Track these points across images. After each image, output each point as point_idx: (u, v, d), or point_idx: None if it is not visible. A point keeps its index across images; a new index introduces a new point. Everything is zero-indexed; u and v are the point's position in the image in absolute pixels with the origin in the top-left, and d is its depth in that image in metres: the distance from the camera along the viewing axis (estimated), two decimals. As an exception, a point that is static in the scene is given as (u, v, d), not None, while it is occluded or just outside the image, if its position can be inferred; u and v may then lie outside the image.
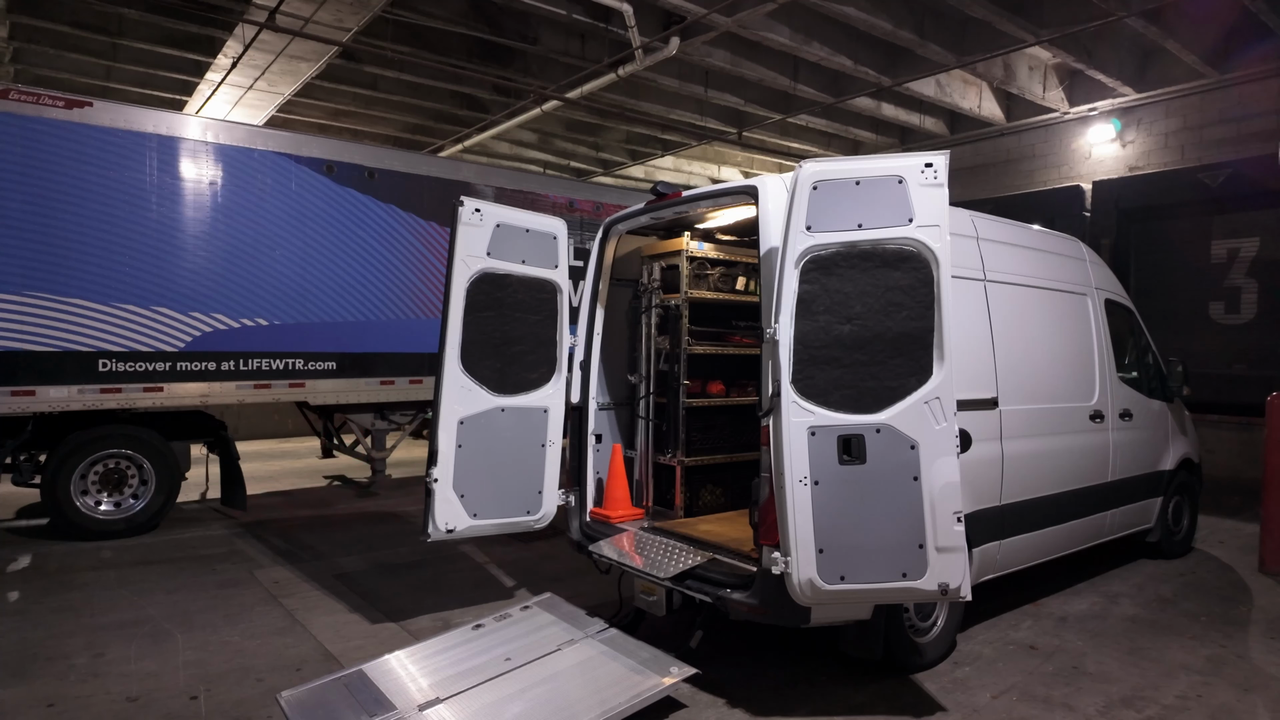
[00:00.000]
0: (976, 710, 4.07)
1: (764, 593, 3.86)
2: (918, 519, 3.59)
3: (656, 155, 16.73)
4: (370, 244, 8.68)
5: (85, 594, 5.77)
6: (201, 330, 7.66)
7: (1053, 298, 5.71)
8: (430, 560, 6.60)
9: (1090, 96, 12.09)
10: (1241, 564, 6.79)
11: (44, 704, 4.04)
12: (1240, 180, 10.40)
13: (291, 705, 3.96)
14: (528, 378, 5.19)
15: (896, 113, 13.20)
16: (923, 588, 3.60)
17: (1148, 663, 4.71)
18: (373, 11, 9.09)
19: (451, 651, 4.35)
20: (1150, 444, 6.52)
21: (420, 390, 8.99)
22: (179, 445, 7.88)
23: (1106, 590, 6.07)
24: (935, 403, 3.63)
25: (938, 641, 4.59)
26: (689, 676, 4.01)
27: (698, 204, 4.88)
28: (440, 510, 4.82)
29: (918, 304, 3.67)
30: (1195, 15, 9.71)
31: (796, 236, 3.69)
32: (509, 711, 3.78)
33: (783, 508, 3.60)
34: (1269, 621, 5.44)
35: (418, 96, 13.38)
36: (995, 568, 5.02)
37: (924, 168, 3.70)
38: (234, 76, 11.03)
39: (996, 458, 4.88)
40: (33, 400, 6.90)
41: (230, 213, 7.83)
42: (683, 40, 9.87)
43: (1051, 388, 5.49)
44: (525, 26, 10.74)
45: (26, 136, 6.84)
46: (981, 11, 9.32)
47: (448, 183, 9.15)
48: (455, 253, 4.86)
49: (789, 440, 3.61)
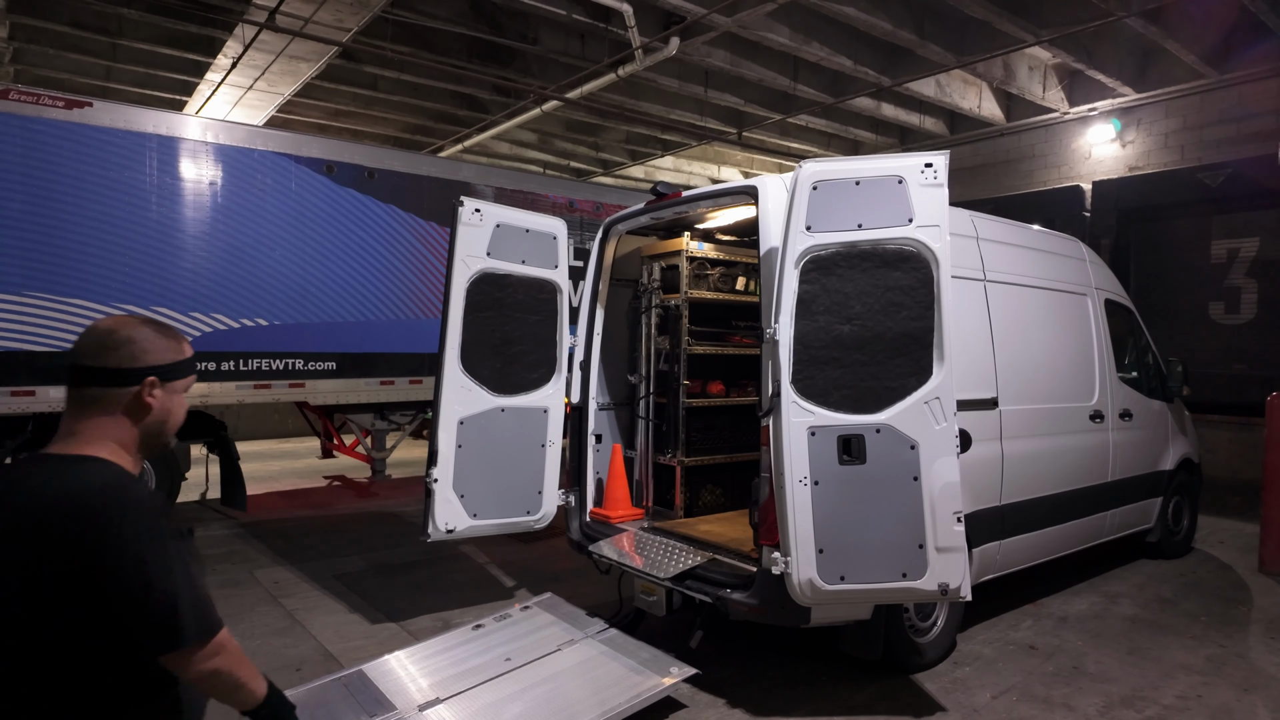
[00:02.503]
0: (976, 710, 4.07)
1: (764, 593, 3.86)
2: (918, 519, 3.59)
3: (656, 155, 16.72)
4: (370, 244, 8.68)
5: (85, 594, 5.77)
6: (201, 330, 7.66)
7: (1053, 298, 5.71)
8: (430, 560, 6.60)
9: (1090, 96, 12.08)
10: (1241, 564, 6.78)
11: (44, 704, 4.04)
12: (1240, 180, 10.41)
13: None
14: (528, 378, 5.19)
15: (896, 113, 13.20)
16: (923, 588, 3.60)
17: (1148, 663, 4.71)
18: (373, 11, 9.08)
19: (451, 652, 4.35)
20: (1150, 444, 6.52)
21: (420, 390, 8.99)
22: (179, 445, 7.88)
23: (1106, 590, 6.07)
24: (935, 403, 3.63)
25: (938, 641, 4.59)
26: (689, 677, 4.02)
27: (698, 204, 4.88)
28: (440, 510, 4.81)
29: (918, 304, 3.66)
30: (1195, 15, 9.70)
31: (796, 236, 3.69)
32: (509, 712, 3.78)
33: (783, 508, 3.60)
34: (1269, 621, 5.44)
35: (418, 96, 13.38)
36: (995, 568, 5.02)
37: (924, 168, 3.70)
38: (234, 77, 11.02)
39: (996, 458, 4.88)
40: (33, 400, 6.90)
41: (230, 213, 7.82)
42: (683, 40, 9.86)
43: (1051, 388, 5.49)
44: (525, 27, 10.73)
45: (26, 137, 6.83)
46: (981, 11, 9.31)
47: (448, 183, 9.14)
48: (455, 253, 4.86)
49: (789, 440, 3.61)
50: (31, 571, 1.49)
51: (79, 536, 1.47)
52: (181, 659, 1.57)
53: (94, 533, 1.48)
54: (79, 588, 1.49)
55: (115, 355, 1.64)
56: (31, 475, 1.59)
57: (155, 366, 1.68)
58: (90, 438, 1.62)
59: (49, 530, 1.47)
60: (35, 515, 1.49)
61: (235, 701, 1.70)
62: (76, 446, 1.61)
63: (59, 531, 1.47)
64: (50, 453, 1.62)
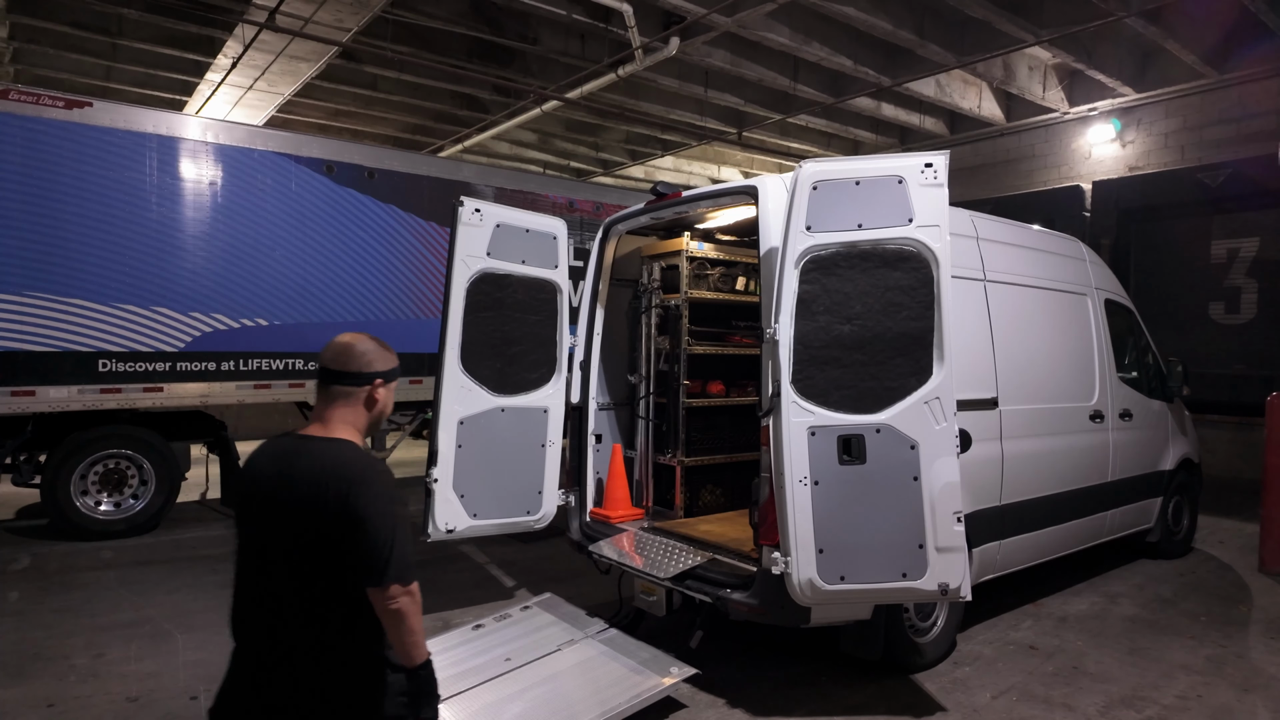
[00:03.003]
0: (976, 710, 4.07)
1: (764, 593, 3.86)
2: (918, 519, 3.59)
3: (656, 155, 16.72)
4: (370, 244, 8.68)
5: (85, 594, 5.77)
6: (201, 330, 7.66)
7: (1053, 298, 5.71)
8: (430, 560, 6.60)
9: (1090, 96, 12.09)
10: (1241, 564, 6.79)
11: (44, 704, 4.04)
12: (1240, 180, 10.40)
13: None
14: (528, 378, 5.19)
15: (896, 113, 13.20)
16: (923, 588, 3.60)
17: (1148, 663, 4.71)
18: (373, 11, 9.09)
19: (451, 652, 4.35)
20: (1150, 444, 6.52)
21: (420, 390, 8.98)
22: (179, 445, 7.88)
23: (1106, 590, 6.07)
24: (935, 403, 3.63)
25: (938, 641, 4.59)
26: (689, 676, 4.02)
27: (697, 204, 4.88)
28: (440, 510, 4.81)
29: (918, 304, 3.66)
30: (1195, 15, 9.70)
31: (796, 237, 3.69)
32: (509, 712, 3.78)
33: (783, 508, 3.60)
34: (1269, 621, 5.44)
35: (418, 96, 13.38)
36: (995, 568, 5.02)
37: (924, 168, 3.70)
38: (234, 77, 11.02)
39: (996, 458, 4.88)
40: (33, 400, 6.89)
41: (230, 213, 7.82)
42: (683, 40, 9.86)
43: (1051, 388, 5.49)
44: (525, 27, 10.74)
45: (26, 137, 6.83)
46: (981, 11, 9.31)
47: (448, 183, 9.14)
48: (455, 253, 4.85)
49: (789, 440, 3.61)
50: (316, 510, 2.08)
51: (343, 492, 2.08)
52: (380, 594, 2.06)
53: (352, 489, 2.08)
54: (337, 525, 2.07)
55: (354, 363, 2.28)
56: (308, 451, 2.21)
57: (380, 371, 2.31)
58: (337, 424, 2.26)
59: (326, 487, 2.09)
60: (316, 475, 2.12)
61: (404, 648, 2.12)
62: (329, 430, 2.25)
63: (332, 489, 2.09)
64: (311, 434, 2.26)
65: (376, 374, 2.30)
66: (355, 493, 2.07)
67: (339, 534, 2.07)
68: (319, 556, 2.09)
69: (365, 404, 2.30)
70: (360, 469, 2.14)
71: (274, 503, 2.15)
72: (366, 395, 2.30)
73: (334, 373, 2.28)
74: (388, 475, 2.22)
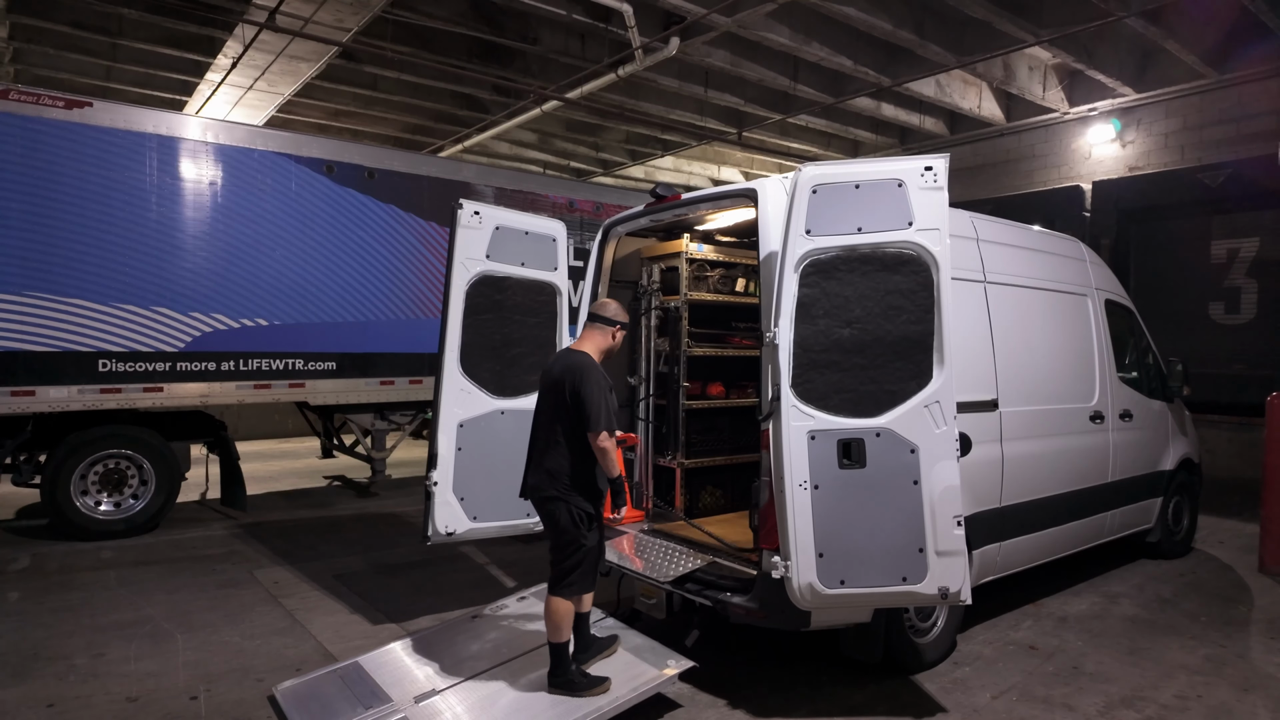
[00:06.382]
0: (976, 710, 4.08)
1: (764, 596, 3.87)
2: (918, 523, 3.60)
3: (656, 155, 16.71)
4: (370, 244, 8.68)
5: (85, 594, 5.78)
6: (201, 330, 7.67)
7: (1053, 299, 5.71)
8: (430, 561, 6.61)
9: (1090, 96, 12.08)
10: (1241, 564, 6.79)
11: (44, 704, 4.05)
12: (1240, 180, 10.41)
13: (286, 698, 3.96)
14: (527, 380, 5.18)
15: (896, 113, 13.19)
16: (923, 592, 3.60)
17: (1147, 663, 4.72)
18: (373, 11, 9.08)
19: (448, 643, 4.37)
20: (1150, 444, 6.52)
21: (420, 390, 8.99)
22: (179, 445, 7.88)
23: (1106, 590, 6.07)
24: (935, 406, 3.63)
25: (938, 642, 4.60)
26: (687, 670, 4.04)
27: (697, 206, 4.88)
28: (440, 513, 4.81)
29: (917, 307, 3.66)
30: (1195, 15, 9.70)
31: (796, 240, 3.69)
32: (505, 701, 3.80)
33: (782, 512, 3.60)
34: (1269, 621, 5.45)
35: (418, 96, 13.37)
36: (995, 569, 5.02)
37: (924, 171, 3.69)
38: (234, 77, 11.01)
39: (996, 459, 4.89)
40: (33, 400, 6.90)
41: (230, 213, 7.82)
42: (683, 40, 9.85)
43: (1052, 389, 5.49)
44: (525, 27, 10.73)
45: (26, 136, 6.83)
46: (981, 11, 9.31)
47: (448, 183, 9.15)
48: (454, 255, 4.85)
49: (789, 444, 3.61)
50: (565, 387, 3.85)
51: (576, 380, 3.83)
52: (593, 436, 3.78)
53: (580, 377, 3.83)
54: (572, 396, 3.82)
55: (609, 313, 4.13)
56: (567, 356, 4.03)
57: (620, 322, 4.15)
58: (588, 344, 4.06)
59: (570, 373, 3.87)
60: (566, 369, 3.92)
61: (606, 468, 3.86)
62: (581, 346, 4.06)
63: (573, 375, 3.85)
64: (572, 349, 4.07)
65: (620, 323, 4.14)
66: (581, 380, 3.80)
67: (573, 402, 3.81)
68: (565, 412, 3.84)
69: (608, 338, 4.10)
70: (586, 368, 3.86)
71: (550, 379, 3.97)
72: (611, 333, 4.11)
73: (597, 316, 4.11)
74: (600, 372, 3.89)
